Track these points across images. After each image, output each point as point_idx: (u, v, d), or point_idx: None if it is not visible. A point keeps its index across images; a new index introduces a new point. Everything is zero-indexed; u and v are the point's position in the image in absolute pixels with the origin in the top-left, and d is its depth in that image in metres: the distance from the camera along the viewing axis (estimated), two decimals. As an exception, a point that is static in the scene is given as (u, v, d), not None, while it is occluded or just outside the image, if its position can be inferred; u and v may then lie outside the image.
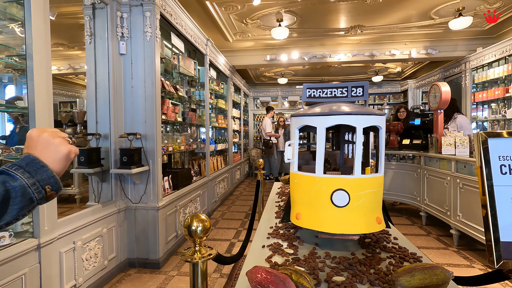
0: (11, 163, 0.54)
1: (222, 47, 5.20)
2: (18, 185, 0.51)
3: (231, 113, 6.01)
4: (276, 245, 1.06)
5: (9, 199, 0.51)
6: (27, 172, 0.53)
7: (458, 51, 5.07)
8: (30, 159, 0.55)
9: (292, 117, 1.03)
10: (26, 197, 0.52)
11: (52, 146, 0.57)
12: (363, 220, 0.91)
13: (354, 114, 0.90)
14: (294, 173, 1.02)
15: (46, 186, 0.55)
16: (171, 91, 3.21)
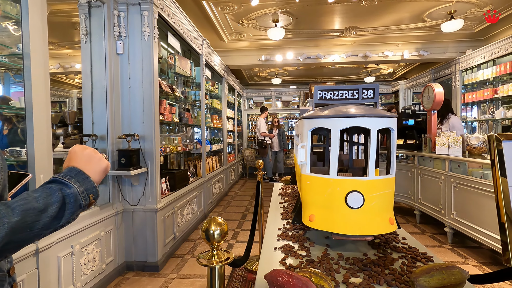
0: (61, 172, 0.63)
1: (217, 47, 5.17)
2: (72, 192, 0.60)
3: (226, 114, 5.99)
4: (288, 247, 1.06)
5: (65, 204, 0.59)
6: (78, 182, 0.62)
7: (449, 53, 5.19)
8: (76, 171, 0.63)
9: (304, 119, 1.03)
10: (77, 203, 0.61)
11: (94, 161, 0.67)
12: (377, 221, 0.92)
13: (369, 116, 0.91)
14: (306, 175, 1.02)
15: (90, 194, 0.64)
16: (167, 91, 3.17)
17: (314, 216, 0.98)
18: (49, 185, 0.59)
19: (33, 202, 0.54)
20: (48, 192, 0.57)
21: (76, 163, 0.65)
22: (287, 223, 1.34)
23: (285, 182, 2.31)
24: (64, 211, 0.58)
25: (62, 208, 0.58)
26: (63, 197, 0.58)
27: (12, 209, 0.51)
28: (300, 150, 1.01)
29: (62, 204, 0.58)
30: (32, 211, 0.53)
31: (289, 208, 1.58)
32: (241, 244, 3.16)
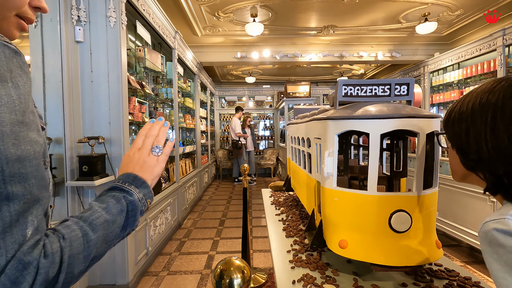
0: (118, 179, 0.59)
1: (190, 41, 4.83)
2: (134, 200, 0.57)
3: (199, 113, 5.66)
4: (308, 278, 0.86)
5: (128, 212, 0.56)
6: (136, 188, 0.59)
7: (418, 55, 5.36)
8: (133, 177, 0.60)
9: (329, 120, 0.83)
10: (138, 210, 0.58)
11: (147, 166, 0.63)
12: (426, 247, 0.75)
13: (418, 117, 0.73)
14: (333, 190, 0.82)
15: (148, 199, 0.61)
16: (137, 88, 2.82)
17: (347, 242, 0.78)
18: (112, 193, 0.57)
19: (105, 215, 0.52)
20: (113, 201, 0.55)
21: (130, 168, 0.62)
22: (294, 242, 1.14)
23: (274, 188, 2.11)
24: (128, 219, 0.56)
25: (127, 216, 0.56)
26: (127, 205, 0.56)
27: (91, 224, 0.49)
28: (328, 159, 0.81)
29: (126, 212, 0.56)
30: (107, 224, 0.52)
31: (290, 221, 1.38)
32: (223, 256, 2.90)
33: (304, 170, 1.22)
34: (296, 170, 1.47)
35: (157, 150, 0.65)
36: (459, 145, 0.57)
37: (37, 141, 0.43)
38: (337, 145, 0.83)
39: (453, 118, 0.59)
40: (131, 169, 0.62)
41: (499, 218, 0.48)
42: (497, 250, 0.47)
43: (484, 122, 0.52)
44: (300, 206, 1.65)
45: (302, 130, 1.26)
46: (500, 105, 0.50)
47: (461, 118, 0.56)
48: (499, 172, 0.52)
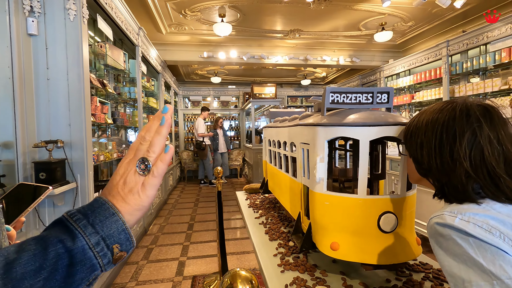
0: (80, 207, 0.39)
1: (153, 39, 4.62)
2: (77, 247, 0.36)
3: (163, 113, 5.43)
4: (300, 281, 0.87)
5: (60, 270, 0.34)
6: (91, 226, 0.37)
7: (375, 61, 5.76)
8: (99, 203, 0.39)
9: (319, 126, 0.85)
10: (87, 265, 0.36)
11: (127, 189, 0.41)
12: (410, 245, 0.81)
13: (402, 125, 0.78)
14: (324, 194, 0.85)
15: (114, 245, 0.38)
16: (98, 86, 2.62)
17: (339, 244, 0.81)
18: (45, 234, 0.36)
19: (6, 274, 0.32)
20: (36, 249, 0.34)
21: (108, 188, 0.41)
22: (279, 245, 1.15)
23: (249, 191, 2.11)
24: (63, 281, 0.34)
25: (57, 277, 0.34)
26: (60, 256, 0.35)
27: None
28: (319, 165, 0.83)
29: (56, 269, 0.34)
30: None
31: (271, 224, 1.39)
32: (194, 261, 2.83)
33: (287, 173, 1.24)
34: (275, 173, 1.48)
35: (142, 167, 0.41)
36: (415, 156, 0.65)
37: None
38: (327, 150, 0.85)
39: (411, 131, 0.66)
40: (107, 191, 0.42)
41: (439, 214, 0.56)
42: (438, 239, 0.55)
43: (434, 137, 0.60)
44: (278, 208, 1.67)
45: (284, 134, 1.28)
46: (446, 125, 0.59)
47: (417, 132, 0.64)
48: (443, 181, 0.61)
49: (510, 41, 3.42)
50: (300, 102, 8.86)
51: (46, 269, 0.34)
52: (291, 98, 8.87)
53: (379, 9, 3.79)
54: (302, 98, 8.89)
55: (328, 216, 0.84)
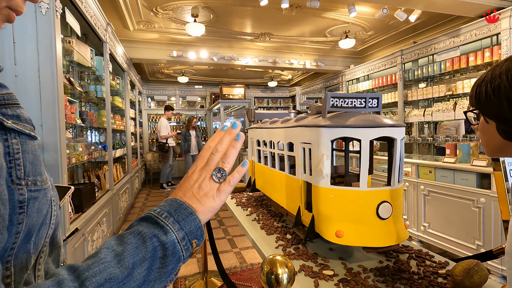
0: (159, 205, 0.44)
1: (119, 35, 4.41)
2: (168, 241, 0.40)
3: (129, 113, 5.20)
4: (307, 268, 0.97)
5: (158, 260, 0.39)
6: (177, 222, 0.42)
7: (338, 66, 6.15)
8: (178, 204, 0.44)
9: (323, 128, 0.95)
10: (175, 256, 0.41)
11: (203, 193, 0.46)
12: (401, 228, 0.95)
13: (396, 126, 0.92)
14: (329, 188, 0.95)
15: (194, 240, 0.43)
16: (66, 84, 2.46)
17: (343, 232, 0.92)
18: (140, 228, 0.40)
19: (114, 267, 0.35)
20: (136, 242, 0.38)
21: (181, 191, 0.46)
22: (277, 238, 1.24)
23: (233, 190, 2.17)
24: (158, 271, 0.39)
25: (155, 267, 0.38)
26: (155, 249, 0.39)
27: (82, 284, 0.33)
28: (326, 162, 0.93)
29: (154, 260, 0.38)
30: (110, 284, 0.34)
31: (264, 220, 1.47)
32: (172, 263, 2.79)
33: (283, 172, 1.33)
34: (266, 172, 1.56)
35: (218, 175, 0.47)
36: (502, 116, 0.56)
37: None
38: (330, 149, 0.96)
39: (487, 92, 0.58)
40: (181, 194, 0.46)
41: None
42: None
43: None
44: (266, 205, 1.75)
45: (278, 135, 1.36)
46: None
47: (498, 90, 0.56)
48: None
49: (453, 52, 3.92)
50: (266, 103, 9.06)
51: (147, 260, 0.38)
52: (258, 100, 9.03)
53: (344, 18, 4.08)
54: (269, 100, 9.10)
55: (333, 208, 0.95)
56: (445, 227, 2.72)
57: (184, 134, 6.55)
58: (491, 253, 1.03)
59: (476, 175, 2.41)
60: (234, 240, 3.37)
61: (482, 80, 0.61)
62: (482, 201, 2.34)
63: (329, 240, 0.95)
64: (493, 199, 2.27)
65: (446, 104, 4.07)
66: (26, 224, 0.38)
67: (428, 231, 2.92)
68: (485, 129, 0.62)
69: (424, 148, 4.51)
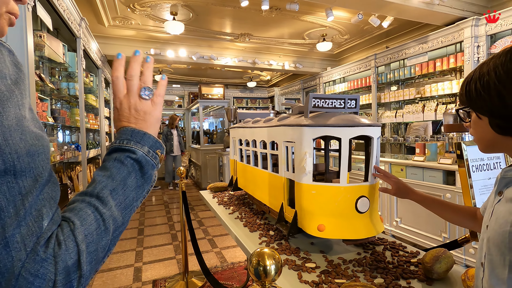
0: (116, 138, 0.54)
1: (94, 31, 4.24)
2: (138, 156, 0.52)
3: (104, 112, 5.01)
4: (290, 262, 1.01)
5: (137, 170, 0.52)
6: (138, 143, 0.53)
7: (315, 68, 6.30)
8: (130, 131, 0.54)
9: (305, 127, 0.99)
10: (148, 165, 0.53)
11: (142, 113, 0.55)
12: (377, 221, 1.01)
13: (373, 126, 0.98)
14: (311, 185, 1.00)
15: (156, 150, 0.56)
16: (37, 81, 2.34)
17: (324, 226, 0.96)
18: (114, 156, 0.52)
19: (111, 183, 0.48)
20: (117, 165, 0.50)
21: (124, 121, 0.55)
22: (260, 235, 1.27)
23: (214, 189, 2.17)
24: (142, 178, 0.52)
25: (139, 175, 0.52)
26: (133, 165, 0.51)
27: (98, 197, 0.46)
28: (308, 160, 0.97)
29: (136, 171, 0.52)
30: (116, 192, 0.48)
31: (247, 218, 1.50)
32: (152, 265, 2.73)
33: (266, 170, 1.36)
34: (249, 171, 1.59)
35: (147, 93, 0.55)
36: (495, 110, 0.58)
37: (42, 136, 0.42)
38: (312, 147, 1.00)
39: (477, 88, 0.59)
40: (125, 123, 0.55)
41: None
42: None
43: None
44: (247, 203, 1.78)
45: (261, 134, 1.39)
46: None
47: (488, 86, 0.57)
48: None
49: (421, 58, 4.17)
50: (245, 103, 9.09)
51: (131, 172, 0.51)
52: (237, 100, 9.04)
53: (321, 22, 4.20)
54: (248, 100, 9.13)
55: (315, 203, 0.99)
56: (415, 221, 2.89)
57: (166, 133, 6.30)
58: (456, 243, 1.12)
59: (443, 173, 2.59)
60: (215, 240, 3.36)
61: (470, 78, 0.62)
62: (448, 197, 2.52)
63: (312, 234, 0.99)
64: (457, 194, 2.45)
65: (415, 106, 4.32)
66: None
67: (400, 226, 3.09)
68: (478, 125, 0.63)
69: (396, 148, 4.75)
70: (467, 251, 2.45)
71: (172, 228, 3.81)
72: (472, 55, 3.37)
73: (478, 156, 1.00)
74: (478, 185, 0.99)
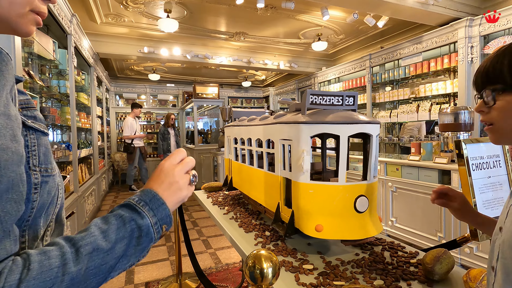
0: (135, 195, 0.53)
1: (86, 28, 4.16)
2: (144, 224, 0.50)
3: (96, 111, 4.92)
4: (287, 264, 0.98)
5: (135, 239, 0.49)
6: (152, 210, 0.51)
7: (310, 68, 6.30)
8: (152, 195, 0.53)
9: (302, 124, 0.96)
10: (149, 237, 0.50)
11: (177, 186, 0.56)
12: (376, 221, 0.99)
13: (372, 123, 0.95)
14: (309, 184, 0.97)
15: (163, 225, 0.53)
16: (25, 78, 2.27)
17: (322, 226, 0.93)
18: (121, 212, 0.50)
19: (101, 240, 0.45)
20: (118, 223, 0.48)
21: (157, 182, 0.55)
22: (256, 236, 1.23)
23: (208, 189, 2.13)
24: (134, 248, 0.48)
25: (132, 244, 0.48)
26: (133, 230, 0.48)
27: (77, 251, 0.42)
28: (306, 158, 0.94)
29: (132, 239, 0.48)
30: (98, 253, 0.44)
31: (242, 218, 1.46)
32: (144, 267, 2.68)
33: (261, 169, 1.33)
34: (244, 170, 1.55)
35: (193, 178, 0.59)
36: None
37: (8, 147, 0.39)
38: (310, 145, 0.97)
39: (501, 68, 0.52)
40: (156, 185, 0.54)
41: None
42: None
43: None
44: (242, 203, 1.74)
45: (257, 132, 1.36)
46: None
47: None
48: None
49: (416, 58, 4.19)
50: (240, 103, 9.05)
51: (126, 238, 0.47)
52: (232, 99, 8.99)
53: (317, 21, 4.19)
54: (243, 100, 9.09)
55: (312, 203, 0.96)
56: (410, 221, 2.89)
57: (163, 132, 6.17)
58: (455, 242, 1.11)
59: (438, 172, 2.59)
60: (209, 240, 3.32)
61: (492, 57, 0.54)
62: (443, 196, 2.52)
63: (309, 234, 0.96)
64: (452, 194, 2.45)
65: (410, 106, 4.33)
66: (39, 202, 0.48)
67: (395, 226, 3.09)
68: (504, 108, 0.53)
69: (390, 148, 4.77)
70: (462, 251, 2.46)
71: (165, 229, 3.76)
72: (466, 56, 3.39)
73: (477, 154, 0.98)
74: (478, 184, 0.97)
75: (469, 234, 0.99)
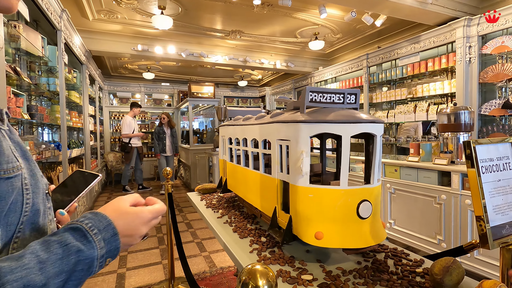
0: (89, 218, 0.47)
1: (77, 24, 4.05)
2: (90, 256, 0.44)
3: (88, 110, 4.81)
4: (284, 273, 0.91)
5: (75, 272, 0.43)
6: (103, 240, 0.46)
7: (307, 67, 6.24)
8: (107, 223, 0.48)
9: (301, 123, 0.89)
10: (89, 271, 0.45)
11: (133, 217, 0.52)
12: (380, 228, 0.92)
13: (376, 122, 0.89)
14: (308, 187, 0.90)
15: (108, 258, 0.48)
16: (10, 74, 2.17)
17: (323, 233, 0.86)
18: (67, 240, 0.43)
19: (34, 274, 0.38)
20: (61, 252, 0.42)
21: (114, 210, 0.51)
22: (251, 242, 1.16)
23: (202, 191, 2.05)
24: (71, 282, 0.43)
25: (71, 279, 0.42)
26: (77, 263, 0.43)
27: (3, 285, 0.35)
28: (305, 159, 0.87)
29: (72, 273, 0.42)
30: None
31: (236, 223, 1.39)
32: (136, 272, 2.59)
33: (257, 171, 1.25)
34: (239, 171, 1.48)
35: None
36: None
37: None
38: (309, 146, 0.91)
39: None
40: (113, 213, 0.51)
41: None
42: None
43: None
44: (238, 207, 1.67)
45: (252, 132, 1.29)
46: None
47: None
48: None
49: (413, 58, 4.15)
50: (236, 103, 8.97)
51: (66, 273, 0.42)
52: (228, 99, 8.91)
53: (314, 20, 4.13)
54: (239, 99, 9.01)
55: (312, 208, 0.89)
56: (409, 223, 2.84)
57: (158, 132, 5.95)
58: (461, 249, 1.05)
59: (438, 173, 2.54)
60: (203, 243, 3.24)
61: None
62: (443, 198, 2.47)
63: (309, 242, 0.89)
64: (453, 196, 2.41)
65: (407, 106, 4.30)
66: None
67: (393, 228, 3.04)
68: None
69: (387, 148, 4.73)
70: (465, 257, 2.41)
71: (159, 231, 3.66)
72: (464, 56, 3.36)
73: (486, 156, 0.92)
74: (488, 188, 0.91)
75: (479, 241, 0.93)
